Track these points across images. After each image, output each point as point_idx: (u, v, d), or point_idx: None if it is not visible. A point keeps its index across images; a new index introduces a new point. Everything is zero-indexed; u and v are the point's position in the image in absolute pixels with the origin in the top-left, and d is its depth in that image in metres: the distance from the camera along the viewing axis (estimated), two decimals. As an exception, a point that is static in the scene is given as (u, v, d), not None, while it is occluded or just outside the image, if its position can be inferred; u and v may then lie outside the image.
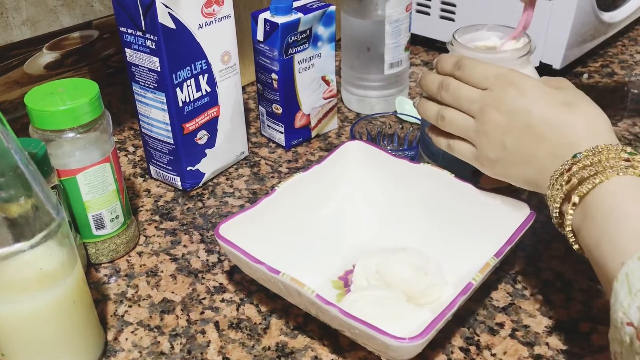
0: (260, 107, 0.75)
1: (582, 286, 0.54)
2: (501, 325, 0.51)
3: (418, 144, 0.66)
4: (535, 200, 0.55)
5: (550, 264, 0.56)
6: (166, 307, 0.53)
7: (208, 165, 0.68)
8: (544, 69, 0.85)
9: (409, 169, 0.58)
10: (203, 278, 0.56)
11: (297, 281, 0.44)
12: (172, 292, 0.55)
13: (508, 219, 0.51)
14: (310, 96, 0.73)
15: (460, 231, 0.54)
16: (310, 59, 0.71)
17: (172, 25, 0.58)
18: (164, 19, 0.57)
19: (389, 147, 0.73)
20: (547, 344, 0.49)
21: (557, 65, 0.85)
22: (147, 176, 0.71)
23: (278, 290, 0.48)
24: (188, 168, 0.66)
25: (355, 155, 0.60)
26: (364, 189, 0.60)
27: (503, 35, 0.57)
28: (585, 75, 0.89)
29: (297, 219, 0.56)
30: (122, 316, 0.53)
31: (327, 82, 0.75)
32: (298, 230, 0.56)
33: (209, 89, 0.64)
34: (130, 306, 0.54)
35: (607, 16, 0.88)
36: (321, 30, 0.70)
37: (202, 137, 0.66)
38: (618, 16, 0.91)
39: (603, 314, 0.51)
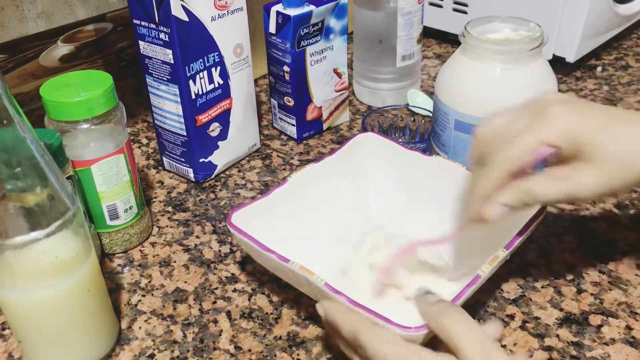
0: (272, 99, 0.76)
1: (593, 279, 0.54)
2: (512, 316, 0.51)
3: (430, 136, 0.66)
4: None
5: (561, 256, 0.56)
6: (179, 296, 0.54)
7: (220, 157, 0.69)
8: (557, 62, 0.85)
9: (421, 161, 0.58)
10: (215, 268, 0.57)
11: (306, 269, 0.45)
12: (185, 282, 0.55)
13: (519, 213, 0.51)
14: (322, 89, 0.74)
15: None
16: (322, 52, 0.71)
17: (185, 18, 0.58)
18: (177, 11, 0.57)
19: (400, 140, 0.73)
20: (557, 335, 0.49)
21: (570, 58, 0.84)
22: (160, 168, 0.72)
23: (288, 278, 0.49)
24: (201, 160, 0.67)
25: (368, 147, 0.60)
26: (376, 180, 0.60)
27: (516, 27, 0.57)
28: (599, 69, 0.89)
29: (309, 209, 0.57)
30: (136, 305, 0.53)
31: (339, 75, 0.75)
32: (310, 220, 0.56)
33: (221, 82, 0.65)
34: (143, 295, 0.54)
35: (622, 8, 0.87)
36: (333, 23, 0.70)
37: (214, 129, 0.66)
38: (633, 8, 0.90)
39: (614, 306, 0.51)
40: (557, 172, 0.43)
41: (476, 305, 0.52)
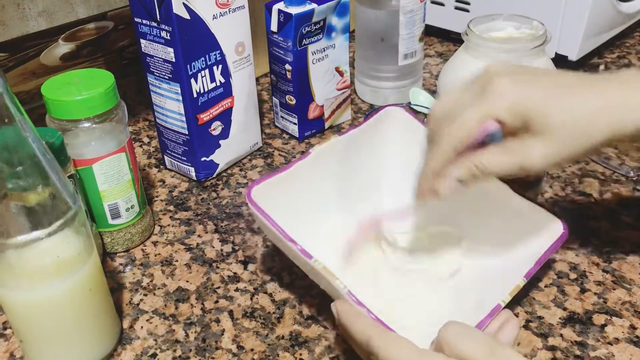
0: (273, 98, 0.76)
1: (597, 278, 0.54)
2: (515, 316, 0.50)
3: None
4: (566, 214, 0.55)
5: (565, 255, 0.56)
6: (181, 295, 0.54)
7: (222, 156, 0.68)
8: (559, 60, 0.84)
9: None
10: (217, 267, 0.57)
11: (329, 272, 0.43)
12: (187, 281, 0.55)
13: (539, 235, 0.50)
14: (324, 87, 0.73)
15: (479, 215, 0.52)
16: (324, 50, 0.71)
17: (186, 16, 0.58)
18: (178, 9, 0.57)
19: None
20: (561, 335, 0.49)
21: (573, 56, 0.84)
22: (161, 167, 0.71)
23: (306, 269, 0.47)
24: (202, 159, 0.66)
25: (395, 123, 0.58)
26: (401, 158, 0.58)
27: (519, 25, 0.57)
28: (602, 67, 0.88)
29: (330, 184, 0.55)
30: (138, 304, 0.53)
31: (341, 73, 0.74)
32: (330, 196, 0.54)
33: (223, 80, 0.65)
34: (145, 295, 0.54)
35: (625, 6, 0.87)
36: (335, 21, 0.70)
37: (216, 127, 0.66)
38: (636, 6, 0.89)
39: (618, 306, 0.51)
40: (507, 145, 0.44)
41: (479, 304, 0.51)
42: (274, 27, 0.69)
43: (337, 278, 0.43)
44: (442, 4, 0.95)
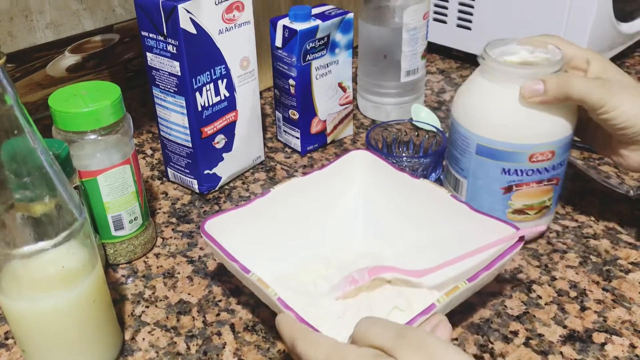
0: (276, 112, 0.76)
1: (597, 296, 0.54)
2: (515, 333, 0.51)
3: (443, 156, 0.66)
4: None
5: (565, 273, 0.56)
6: (183, 308, 0.54)
7: (225, 169, 0.69)
8: (560, 79, 0.85)
9: (409, 184, 0.56)
10: (219, 280, 0.57)
11: (262, 282, 0.45)
12: (189, 294, 0.55)
13: (495, 242, 0.49)
14: (327, 102, 0.74)
15: (450, 250, 0.51)
16: (328, 66, 0.72)
17: (193, 31, 0.59)
18: (185, 24, 0.58)
19: (404, 155, 0.73)
20: (561, 353, 0.49)
21: (573, 75, 0.84)
22: (164, 179, 0.72)
23: (254, 290, 0.48)
24: (205, 171, 0.67)
25: (359, 165, 0.59)
26: (362, 199, 0.59)
27: (533, 49, 0.57)
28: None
29: (290, 223, 0.56)
30: (140, 316, 0.53)
31: (344, 89, 0.75)
32: (289, 234, 0.55)
33: (227, 94, 0.65)
34: (147, 307, 0.54)
35: (625, 27, 0.88)
36: (339, 37, 0.71)
37: (219, 141, 0.67)
38: (635, 27, 0.90)
39: (618, 325, 0.51)
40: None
41: (480, 321, 0.52)
42: (278, 42, 0.70)
43: (268, 286, 0.44)
44: (444, 22, 0.96)
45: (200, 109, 0.63)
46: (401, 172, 0.57)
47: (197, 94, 0.62)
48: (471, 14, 0.92)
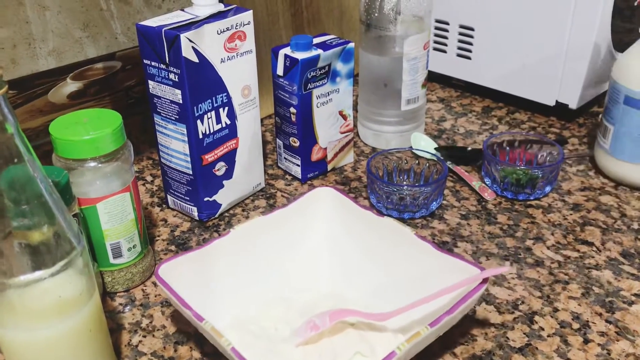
0: (277, 139, 0.76)
1: (600, 328, 0.53)
2: (517, 366, 0.50)
3: (444, 185, 0.66)
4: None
5: (567, 305, 0.56)
6: (180, 338, 0.53)
7: (225, 196, 0.69)
8: (560, 109, 0.86)
9: (374, 222, 0.56)
10: (217, 310, 0.56)
11: (216, 331, 0.44)
12: (186, 324, 0.55)
13: (461, 285, 0.49)
14: (328, 130, 0.74)
15: (415, 290, 0.51)
16: (329, 94, 0.72)
17: (195, 59, 0.59)
18: (187, 52, 0.58)
19: (405, 183, 0.73)
20: (564, 387, 0.48)
21: (573, 105, 0.85)
22: (164, 206, 0.72)
23: (210, 339, 0.47)
24: (205, 199, 0.67)
25: (323, 203, 0.59)
26: (327, 238, 0.59)
27: None
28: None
29: (251, 264, 0.55)
30: (136, 346, 0.53)
31: (344, 117, 0.75)
32: (250, 276, 0.54)
33: (228, 122, 0.65)
34: (144, 336, 0.54)
35: (624, 57, 0.89)
36: (340, 66, 0.71)
37: (220, 168, 0.67)
38: (634, 57, 0.91)
39: (622, 358, 0.50)
40: None
41: (482, 353, 0.51)
42: (280, 71, 0.70)
43: (222, 336, 0.43)
44: (444, 51, 0.96)
45: (201, 136, 0.63)
46: (365, 210, 0.57)
47: (199, 121, 0.62)
48: (471, 44, 0.92)
